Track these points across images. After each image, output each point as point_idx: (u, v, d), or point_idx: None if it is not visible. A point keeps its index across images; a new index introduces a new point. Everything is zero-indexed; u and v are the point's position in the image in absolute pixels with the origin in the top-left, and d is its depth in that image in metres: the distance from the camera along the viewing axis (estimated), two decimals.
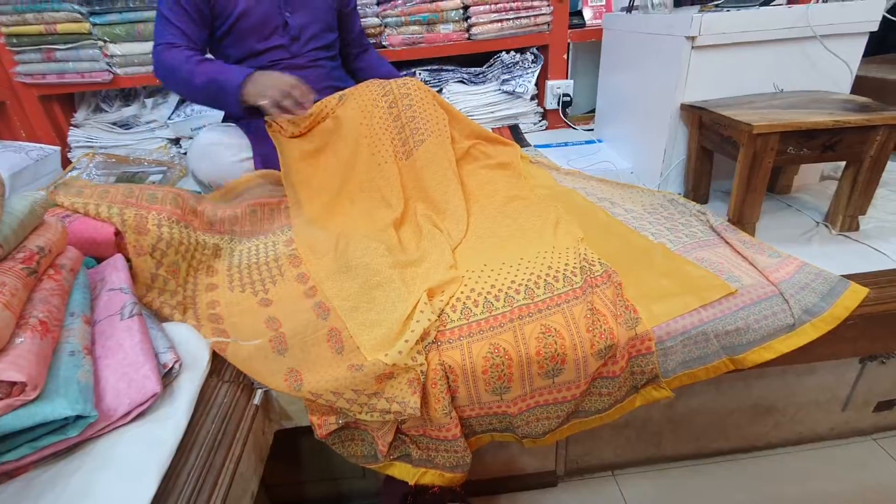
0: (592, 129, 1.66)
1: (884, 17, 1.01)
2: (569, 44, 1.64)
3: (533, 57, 1.67)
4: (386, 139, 1.12)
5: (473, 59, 1.73)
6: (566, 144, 1.57)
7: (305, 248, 0.97)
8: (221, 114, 1.43)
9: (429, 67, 1.66)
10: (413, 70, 1.65)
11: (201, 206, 1.05)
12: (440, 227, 0.98)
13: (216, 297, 0.85)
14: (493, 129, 1.67)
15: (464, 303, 0.78)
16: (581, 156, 1.45)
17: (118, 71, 1.48)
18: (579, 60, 1.76)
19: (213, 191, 1.13)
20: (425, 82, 1.63)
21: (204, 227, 0.99)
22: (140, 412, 0.62)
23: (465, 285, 0.81)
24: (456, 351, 0.73)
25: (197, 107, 1.58)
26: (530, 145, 1.57)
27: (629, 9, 1.33)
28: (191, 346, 0.74)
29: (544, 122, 1.73)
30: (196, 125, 1.56)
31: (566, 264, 0.84)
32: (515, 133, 1.64)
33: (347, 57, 1.33)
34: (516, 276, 0.83)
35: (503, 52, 1.65)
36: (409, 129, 1.13)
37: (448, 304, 0.78)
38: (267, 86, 1.02)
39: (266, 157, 1.13)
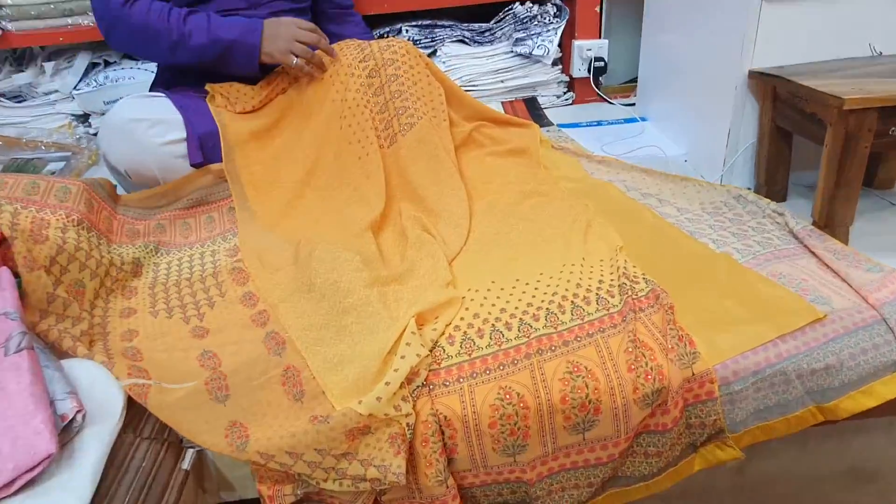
0: (633, 104, 1.67)
1: None
2: None
3: (555, 9, 1.69)
4: (364, 119, 1.13)
5: (477, 12, 1.75)
6: (599, 124, 1.58)
7: (254, 259, 0.96)
8: (147, 79, 1.44)
9: (418, 22, 1.67)
10: (398, 26, 1.66)
11: (121, 209, 1.06)
12: (432, 233, 0.99)
13: (134, 326, 0.84)
14: (503, 103, 1.68)
15: (465, 332, 0.78)
16: (619, 138, 1.45)
17: (8, 26, 1.48)
18: (615, 14, 1.78)
19: (138, 186, 1.13)
20: (414, 43, 1.65)
21: (122, 236, 0.99)
22: (29, 479, 0.61)
23: (467, 309, 0.81)
24: (454, 397, 0.72)
25: (113, 74, 1.59)
26: (552, 125, 1.58)
27: None
28: (98, 390, 0.72)
29: (570, 94, 1.75)
30: (110, 97, 1.56)
31: (600, 281, 0.84)
32: (532, 109, 1.66)
33: (321, 17, 1.34)
34: (534, 296, 0.83)
35: (516, 3, 1.67)
36: (395, 106, 1.14)
37: (444, 334, 0.77)
38: (288, 37, 1.05)
39: (206, 139, 1.13)
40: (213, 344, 0.81)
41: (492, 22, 1.68)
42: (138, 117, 1.08)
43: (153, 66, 1.56)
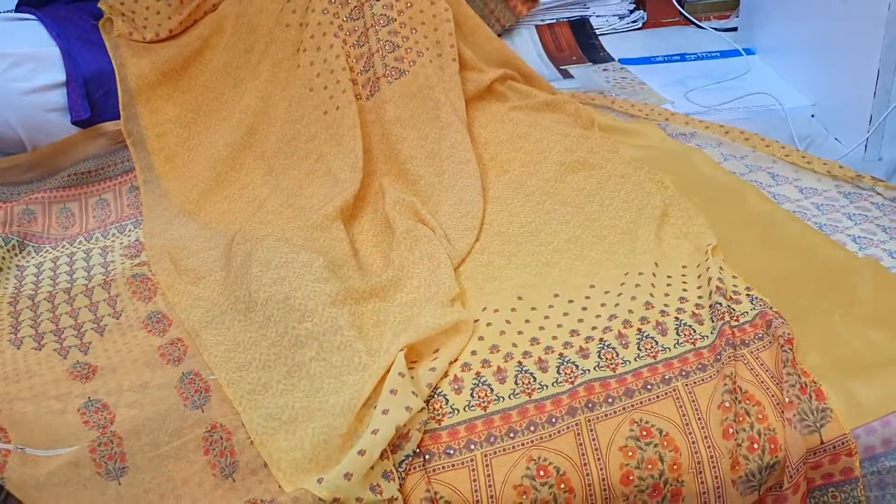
0: (734, 30, 1.66)
1: None
2: None
3: None
4: (334, 55, 1.13)
5: None
6: (683, 58, 1.56)
7: (165, 261, 0.96)
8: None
9: None
10: None
11: None
12: (430, 224, 0.98)
13: None
14: (538, 28, 1.67)
15: (478, 374, 0.77)
16: (713, 81, 1.44)
17: None
18: None
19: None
20: None
21: None
22: None
23: (481, 339, 0.81)
24: (462, 472, 0.71)
25: None
26: (612, 59, 1.57)
27: None
28: None
29: (640, 13, 1.73)
30: None
31: (682, 299, 0.84)
32: (582, 35, 1.64)
33: None
34: (582, 321, 0.82)
35: None
36: (379, 38, 1.14)
37: (447, 376, 0.77)
38: None
39: (95, 84, 1.13)
40: (103, 390, 0.80)
41: None
42: None
43: None
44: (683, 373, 0.76)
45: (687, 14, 1.71)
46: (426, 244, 0.94)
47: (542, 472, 0.71)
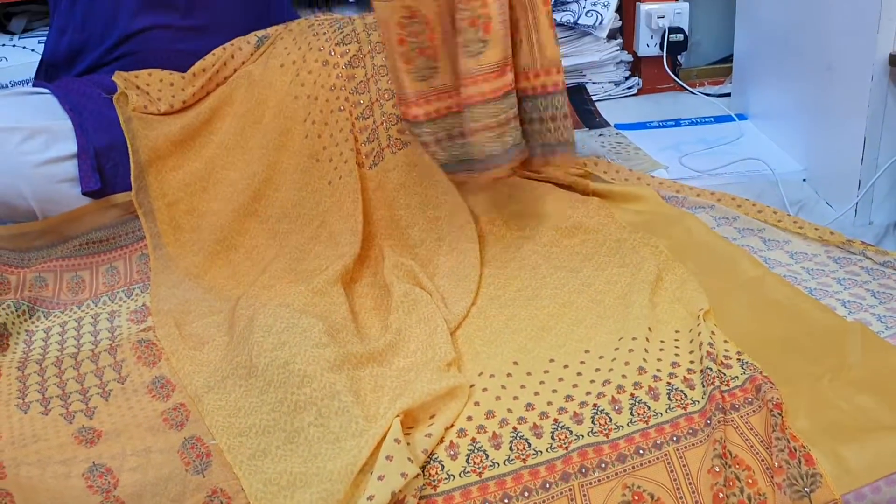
0: (727, 95, 1.69)
1: None
2: None
3: None
4: (339, 126, 1.14)
5: None
6: (677, 123, 1.60)
7: (170, 326, 0.97)
8: (30, 63, 1.47)
9: None
10: None
11: None
12: (428, 289, 1.00)
13: None
14: None
15: (473, 440, 0.77)
16: (707, 146, 1.47)
17: None
18: None
19: (4, 222, 1.15)
20: None
21: None
22: None
23: (477, 404, 0.81)
24: None
25: None
26: (608, 124, 1.60)
27: None
28: None
29: (635, 79, 1.77)
30: None
31: (674, 364, 0.84)
32: (578, 101, 1.68)
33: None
34: (576, 386, 0.82)
35: None
36: (384, 112, 1.16)
37: (442, 441, 0.77)
38: None
39: (106, 156, 1.15)
40: (107, 454, 0.81)
41: None
42: (10, 125, 1.10)
43: (37, 44, 1.61)
44: (674, 438, 0.76)
45: (681, 81, 1.75)
46: (423, 308, 0.94)
47: None
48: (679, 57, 1.76)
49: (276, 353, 0.86)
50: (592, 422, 0.78)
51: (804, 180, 1.33)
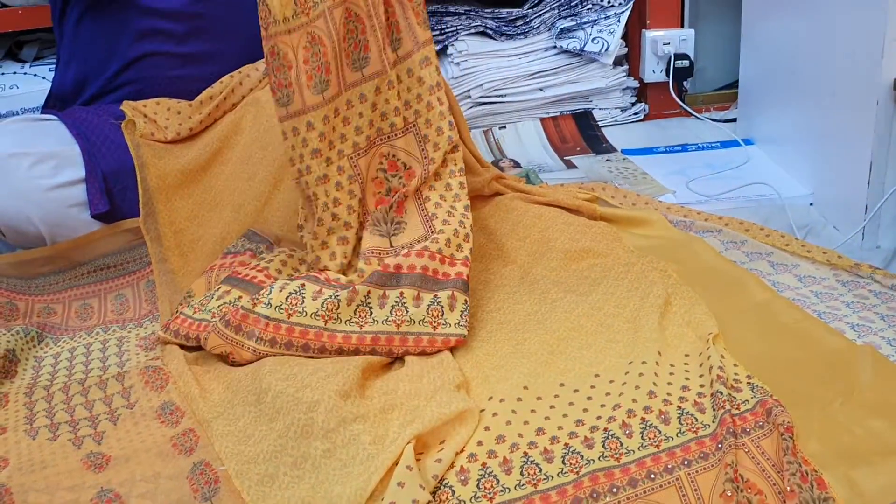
0: (733, 121, 1.70)
1: None
2: None
3: None
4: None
5: None
6: (684, 149, 1.60)
7: (177, 351, 0.97)
8: (40, 90, 1.49)
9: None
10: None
11: None
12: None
13: (2, 452, 0.84)
14: (542, 119, 1.71)
15: (483, 464, 0.77)
16: (714, 170, 1.48)
17: None
18: None
19: (14, 247, 1.16)
20: None
21: None
22: None
23: (487, 429, 0.81)
24: None
25: None
26: (615, 150, 1.61)
27: None
28: None
29: (641, 105, 1.78)
30: None
31: (684, 388, 0.84)
32: (585, 127, 1.69)
33: None
34: (587, 410, 0.82)
35: None
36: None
37: (452, 466, 0.77)
38: None
39: (114, 179, 1.17)
40: (116, 480, 0.80)
41: (526, 6, 1.74)
42: (17, 151, 1.12)
43: (48, 72, 1.62)
44: (686, 462, 0.76)
45: (687, 106, 1.75)
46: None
47: None
48: (685, 83, 1.77)
49: (283, 385, 0.86)
50: (603, 446, 0.78)
51: (811, 205, 1.33)
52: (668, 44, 1.72)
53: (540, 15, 1.72)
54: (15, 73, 1.69)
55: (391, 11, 1.00)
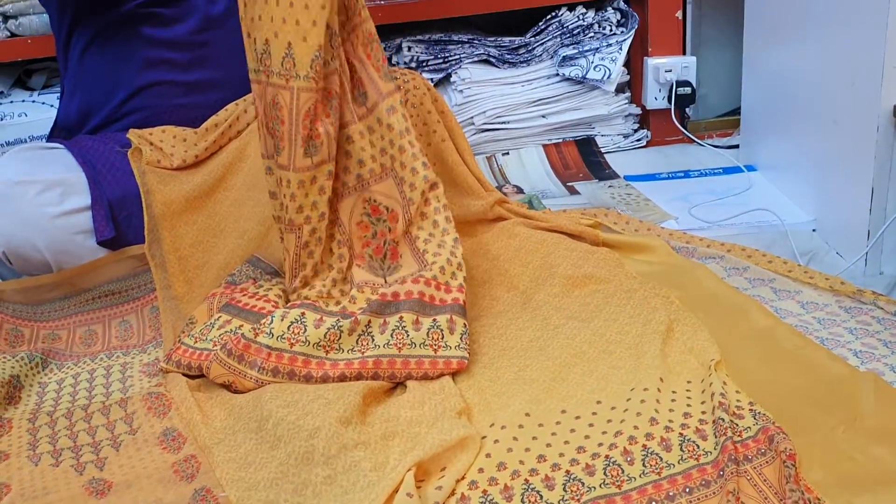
0: (736, 147, 1.71)
1: None
2: None
3: (619, 16, 1.76)
4: None
5: (508, 22, 1.82)
6: (686, 175, 1.61)
7: (180, 377, 0.98)
8: (47, 119, 1.50)
9: (425, 36, 1.74)
10: (397, 41, 1.74)
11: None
12: None
13: (4, 478, 0.85)
14: (545, 146, 1.73)
15: (484, 492, 0.77)
16: (717, 196, 1.48)
17: None
18: (706, 21, 1.85)
19: (20, 274, 1.17)
20: (422, 65, 1.72)
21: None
22: None
23: (488, 456, 0.81)
24: None
25: None
26: (617, 176, 1.62)
27: None
28: None
29: (643, 132, 1.79)
30: None
31: (686, 415, 0.84)
32: (587, 153, 1.70)
33: None
34: (588, 437, 0.82)
35: (563, 8, 1.75)
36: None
37: (453, 494, 0.76)
38: None
39: (119, 206, 1.18)
40: None
41: (528, 35, 1.75)
42: (24, 179, 1.13)
43: (55, 100, 1.64)
44: (687, 489, 0.75)
45: (689, 133, 1.76)
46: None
47: None
48: (687, 110, 1.78)
49: (284, 412, 0.86)
50: (604, 473, 0.78)
51: (814, 231, 1.33)
52: (670, 71, 1.74)
53: (542, 43, 1.73)
54: (24, 101, 1.71)
55: (353, 69, 1.04)
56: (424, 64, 1.71)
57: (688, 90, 1.74)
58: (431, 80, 1.68)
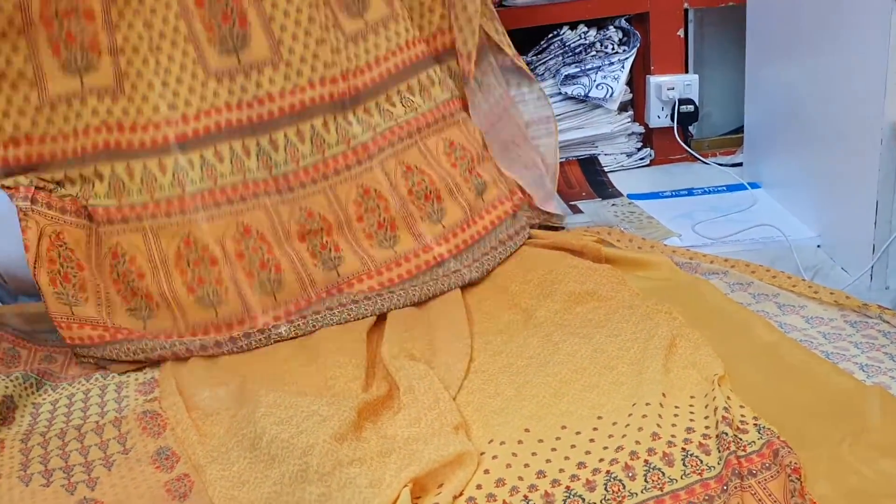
0: (739, 165, 1.71)
1: None
2: (686, 10, 1.74)
3: (621, 34, 1.77)
4: None
5: (510, 40, 1.84)
6: (690, 193, 1.61)
7: (176, 397, 0.99)
8: None
9: None
10: None
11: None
12: (424, 356, 1.01)
13: None
14: None
15: None
16: (720, 213, 1.48)
17: None
18: (708, 39, 1.85)
19: (17, 294, 1.18)
20: None
21: None
22: None
23: (487, 472, 0.81)
24: None
25: None
26: (621, 194, 1.62)
27: None
28: None
29: (647, 150, 1.79)
30: None
31: (689, 430, 0.84)
32: (591, 172, 1.70)
33: None
34: (589, 453, 0.82)
35: (564, 27, 1.76)
36: None
37: None
38: None
39: None
40: None
41: (530, 53, 1.76)
42: None
43: None
44: None
45: (693, 151, 1.77)
46: (421, 378, 0.95)
47: None
48: (690, 128, 1.78)
49: (281, 427, 0.86)
50: (605, 489, 0.77)
51: (818, 246, 1.33)
52: (673, 89, 1.74)
53: (544, 62, 1.74)
54: None
55: None
56: None
57: (691, 108, 1.74)
58: None
